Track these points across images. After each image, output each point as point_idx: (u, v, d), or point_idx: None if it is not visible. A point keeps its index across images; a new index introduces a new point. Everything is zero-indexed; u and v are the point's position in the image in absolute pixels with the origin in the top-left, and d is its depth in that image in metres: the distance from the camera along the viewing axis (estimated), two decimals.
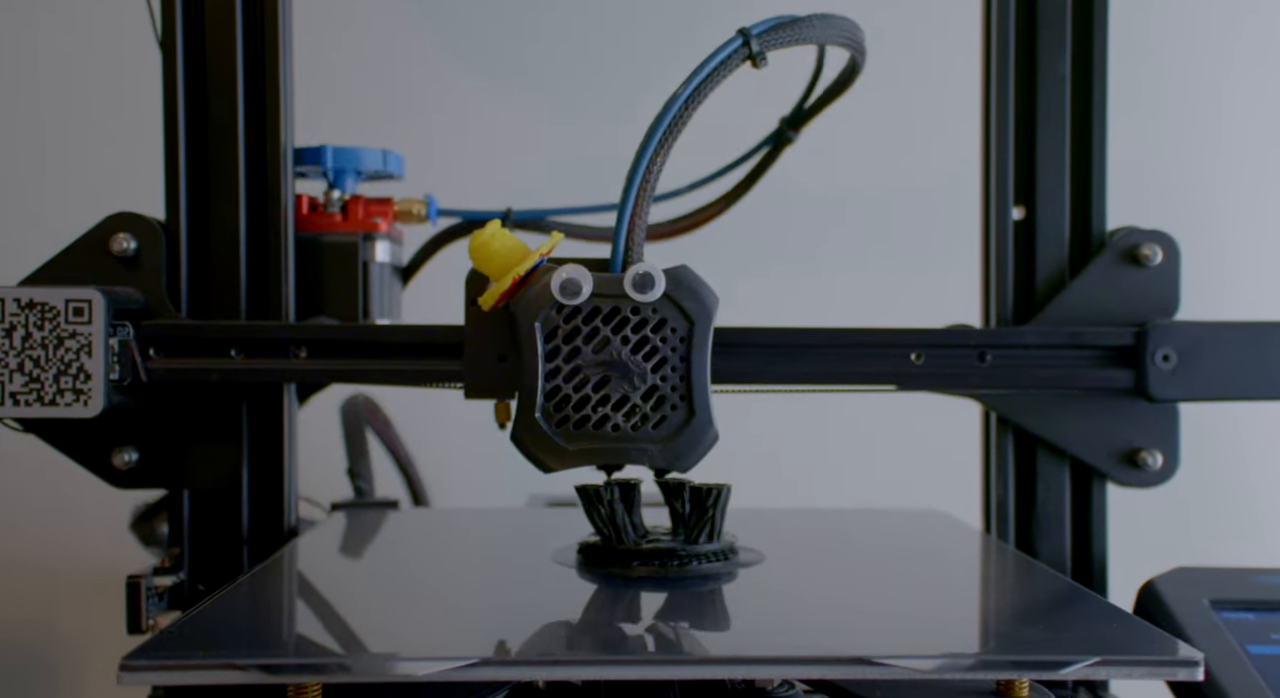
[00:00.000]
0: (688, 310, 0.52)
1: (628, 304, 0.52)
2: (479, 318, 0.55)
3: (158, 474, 0.60)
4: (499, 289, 0.52)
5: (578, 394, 0.52)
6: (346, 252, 0.65)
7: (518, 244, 0.53)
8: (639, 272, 0.51)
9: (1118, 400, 0.62)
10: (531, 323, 0.52)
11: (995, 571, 0.60)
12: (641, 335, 0.52)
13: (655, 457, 0.52)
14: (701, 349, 0.52)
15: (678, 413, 0.52)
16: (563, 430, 0.52)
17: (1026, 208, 0.63)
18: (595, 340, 0.52)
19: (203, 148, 0.61)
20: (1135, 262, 0.62)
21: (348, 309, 0.65)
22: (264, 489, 0.62)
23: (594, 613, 0.48)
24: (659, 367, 0.52)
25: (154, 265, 0.59)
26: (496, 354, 0.56)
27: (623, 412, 0.52)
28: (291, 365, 0.59)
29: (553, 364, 0.52)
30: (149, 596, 0.57)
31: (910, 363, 0.60)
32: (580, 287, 0.51)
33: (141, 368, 0.57)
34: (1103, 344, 0.60)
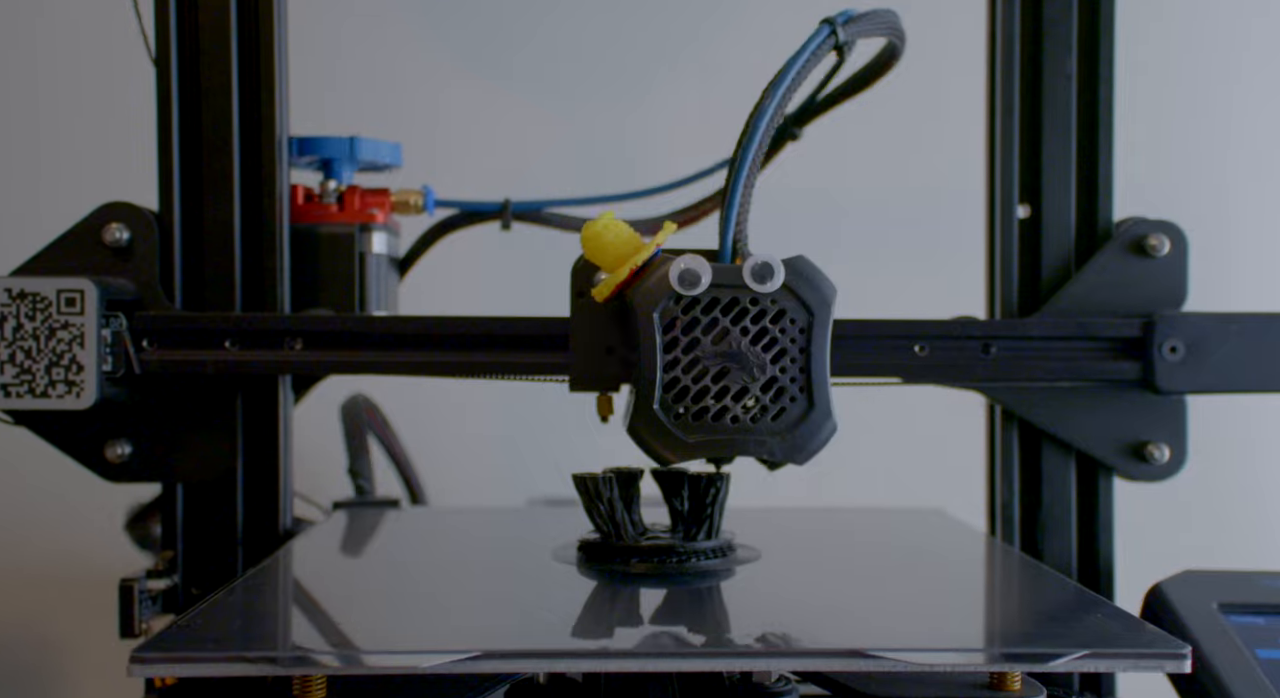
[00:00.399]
0: (807, 301, 0.52)
1: (747, 295, 0.51)
2: (586, 309, 0.55)
3: (151, 468, 0.60)
4: (614, 280, 0.52)
5: (696, 386, 0.52)
6: (343, 243, 0.65)
7: (632, 235, 0.53)
8: (759, 262, 0.51)
9: (1124, 393, 0.62)
10: (650, 313, 0.51)
11: (993, 570, 0.60)
12: (761, 326, 0.52)
13: (774, 449, 0.51)
14: (821, 340, 0.51)
15: (797, 405, 0.52)
16: (681, 422, 0.52)
17: (1032, 205, 0.63)
18: (714, 331, 0.52)
19: (196, 137, 0.61)
20: (1142, 252, 0.61)
21: (344, 301, 0.65)
22: (259, 484, 0.62)
23: (594, 608, 0.49)
24: (778, 358, 0.52)
25: (147, 256, 0.59)
26: (604, 346, 0.56)
27: (742, 403, 0.52)
28: (287, 357, 0.59)
29: (671, 355, 0.51)
30: (142, 599, 0.57)
31: (914, 355, 0.60)
32: (699, 277, 0.51)
33: (135, 359, 0.57)
34: (1109, 336, 0.60)
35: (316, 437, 0.76)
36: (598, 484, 0.53)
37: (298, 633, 0.46)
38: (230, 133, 0.61)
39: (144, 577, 0.58)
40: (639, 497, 0.55)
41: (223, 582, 0.59)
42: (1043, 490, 0.63)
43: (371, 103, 1.02)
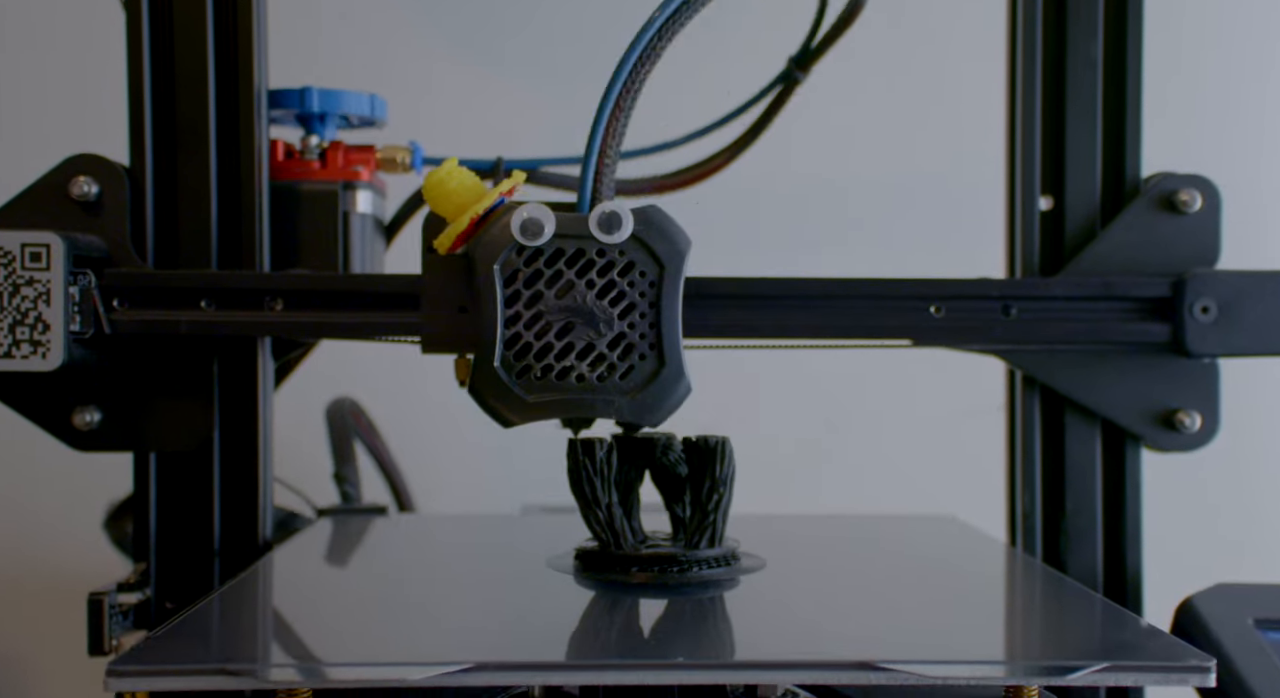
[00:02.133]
0: (658, 253, 0.51)
1: (593, 246, 0.51)
2: (436, 265, 0.54)
3: (121, 436, 0.59)
4: (455, 230, 0.51)
5: (540, 342, 0.51)
6: (325, 201, 0.64)
7: (476, 183, 0.52)
8: (605, 211, 0.51)
9: (1153, 357, 0.61)
10: (490, 266, 0.51)
11: (1010, 579, 0.59)
12: (608, 279, 0.51)
13: (623, 409, 0.51)
14: (672, 295, 0.51)
15: (647, 363, 0.51)
16: (524, 381, 0.51)
17: (1055, 198, 0.62)
18: (559, 285, 0.51)
19: (170, 86, 0.60)
20: (1172, 208, 0.61)
21: (326, 263, 0.64)
22: (237, 457, 0.61)
23: (592, 619, 0.49)
24: (627, 313, 0.51)
25: (117, 211, 0.58)
26: (456, 305, 0.55)
27: (588, 361, 0.51)
28: (266, 318, 0.58)
29: (513, 310, 0.51)
30: (112, 614, 0.56)
31: (929, 316, 0.59)
32: (542, 227, 0.51)
33: (104, 319, 0.56)
34: (1137, 296, 0.59)
35: (301, 440, 0.75)
36: (594, 454, 0.53)
37: (281, 645, 0.46)
38: (205, 82, 0.60)
39: (114, 590, 0.57)
40: (639, 503, 0.55)
41: (199, 595, 0.58)
42: (1066, 464, 0.63)
43: (355, 56, 1.01)
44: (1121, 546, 0.62)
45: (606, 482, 0.52)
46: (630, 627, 0.48)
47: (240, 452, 0.61)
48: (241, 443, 0.61)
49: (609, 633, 0.47)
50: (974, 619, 0.51)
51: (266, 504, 0.62)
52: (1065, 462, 0.63)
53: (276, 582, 0.56)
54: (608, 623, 0.49)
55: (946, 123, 1.01)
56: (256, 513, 0.61)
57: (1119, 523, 0.63)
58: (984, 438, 0.73)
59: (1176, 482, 0.74)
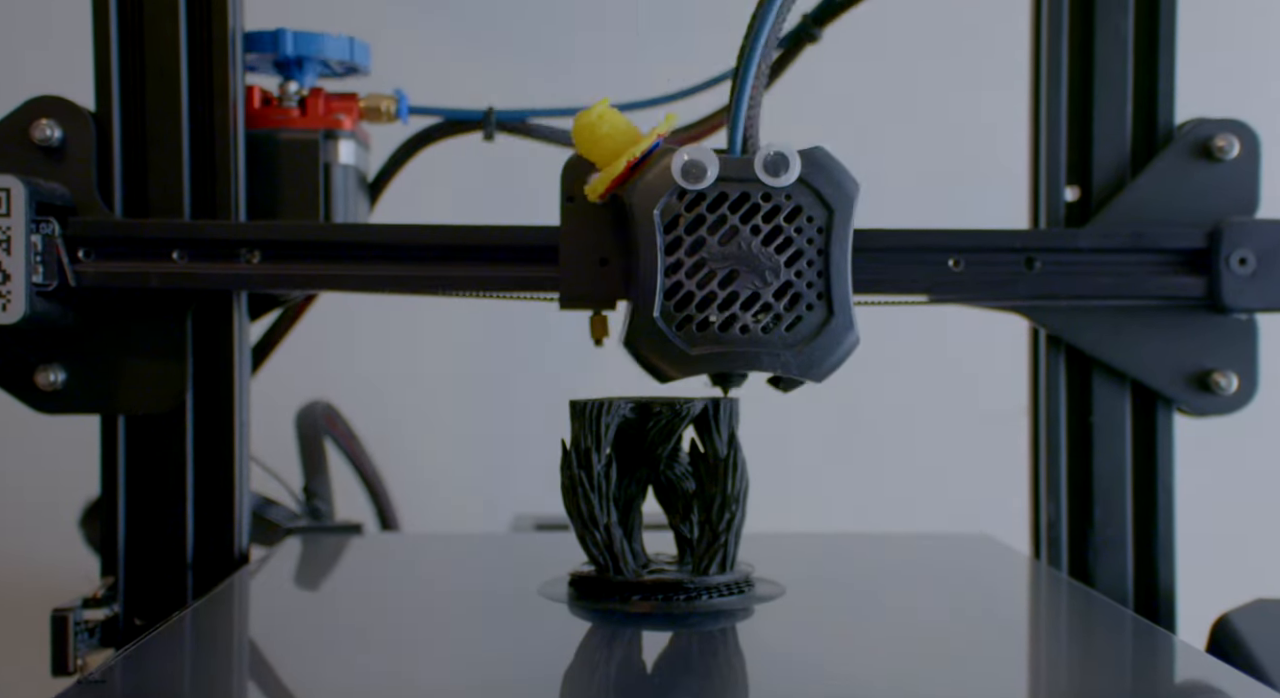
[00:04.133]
0: (826, 197, 0.50)
1: (759, 190, 0.50)
2: (576, 215, 0.54)
3: (88, 398, 0.59)
4: (609, 174, 0.51)
5: (702, 292, 0.50)
6: (305, 150, 0.64)
7: (630, 126, 0.51)
8: (772, 151, 0.50)
9: (1187, 313, 0.60)
10: (650, 211, 0.50)
11: (1047, 604, 0.58)
12: (774, 225, 0.50)
13: (789, 363, 0.50)
14: (842, 241, 0.50)
15: (815, 313, 0.50)
16: (684, 333, 0.50)
17: (1082, 188, 0.61)
18: (722, 231, 0.50)
19: (137, 27, 0.59)
20: (1208, 156, 0.60)
21: (306, 217, 0.63)
22: (212, 422, 0.60)
23: (588, 654, 0.47)
24: (794, 260, 0.50)
25: (82, 157, 0.58)
26: (597, 257, 0.55)
27: (753, 312, 0.50)
28: (242, 270, 0.57)
29: (674, 258, 0.50)
30: (77, 631, 0.55)
31: (948, 270, 0.58)
32: (705, 170, 0.50)
33: (69, 271, 0.56)
34: (1170, 247, 0.59)
35: (270, 448, 0.74)
36: (590, 467, 0.50)
37: (244, 685, 0.44)
38: (176, 22, 0.59)
39: (80, 606, 0.56)
40: (640, 522, 0.53)
41: (169, 610, 0.57)
42: (1093, 429, 0.62)
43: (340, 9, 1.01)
44: (1153, 527, 0.61)
45: (605, 498, 0.51)
46: (631, 663, 0.46)
47: (215, 417, 0.61)
48: (217, 407, 0.61)
49: (607, 670, 0.45)
50: (1009, 652, 0.49)
51: (243, 496, 0.61)
52: (1092, 430, 0.62)
53: (239, 612, 0.54)
54: (606, 658, 0.46)
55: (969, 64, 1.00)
56: (233, 503, 0.60)
57: (1151, 498, 0.62)
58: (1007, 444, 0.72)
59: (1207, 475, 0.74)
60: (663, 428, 0.51)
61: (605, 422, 0.51)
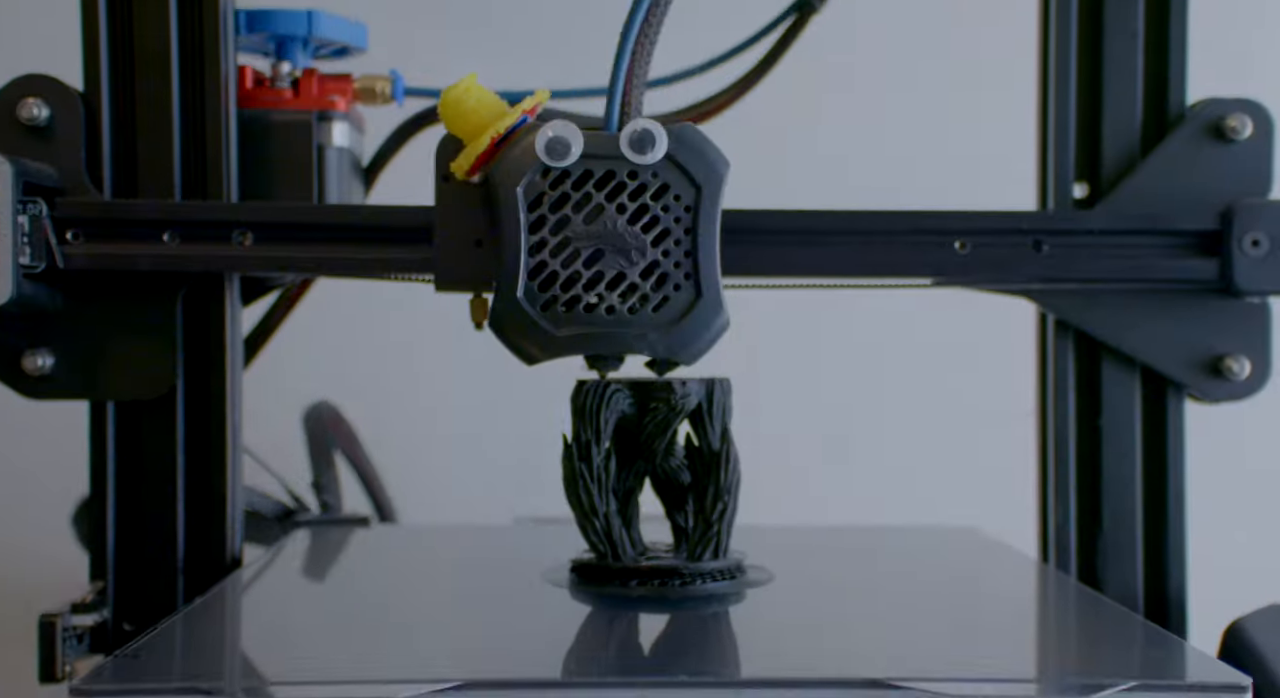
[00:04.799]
0: (693, 174, 0.50)
1: (624, 167, 0.50)
2: (451, 195, 0.54)
3: (76, 383, 0.59)
4: (474, 150, 0.51)
5: (566, 271, 0.51)
6: (297, 132, 0.63)
7: (496, 101, 0.52)
8: (637, 128, 0.50)
9: (1198, 297, 0.60)
10: (513, 188, 0.50)
11: (1032, 593, 0.59)
12: (640, 203, 0.51)
13: (656, 344, 0.50)
14: (710, 220, 0.50)
15: (682, 293, 0.51)
16: (549, 314, 0.51)
17: (1091, 169, 0.61)
18: (587, 209, 0.50)
19: (126, 4, 0.59)
20: (1220, 136, 0.60)
21: (299, 200, 0.63)
22: (202, 408, 0.60)
23: (589, 634, 0.49)
24: (660, 239, 0.51)
25: (70, 138, 0.57)
26: (472, 238, 0.54)
27: (619, 292, 0.51)
28: (235, 252, 0.57)
29: (538, 237, 0.50)
30: (66, 637, 0.55)
31: (953, 252, 0.58)
32: (569, 146, 0.50)
33: (57, 252, 0.56)
34: (1181, 229, 0.58)
35: (268, 452, 0.75)
36: (590, 460, 0.52)
37: (255, 664, 0.46)
38: (166, 0, 0.59)
39: (68, 611, 0.56)
40: (638, 513, 0.55)
41: (161, 615, 0.57)
42: (1102, 418, 0.62)
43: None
44: (1164, 529, 0.61)
45: (604, 489, 0.52)
46: (629, 643, 0.48)
47: (207, 405, 0.60)
48: (208, 395, 0.60)
49: (607, 649, 0.47)
50: (994, 636, 0.50)
51: (235, 487, 0.61)
52: (1101, 417, 0.62)
53: (250, 598, 0.55)
54: (606, 639, 0.48)
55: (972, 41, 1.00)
56: (225, 493, 0.60)
57: (1161, 498, 0.61)
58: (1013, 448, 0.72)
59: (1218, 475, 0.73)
60: (659, 422, 0.53)
61: (604, 416, 0.52)
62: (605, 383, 0.52)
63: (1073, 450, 0.62)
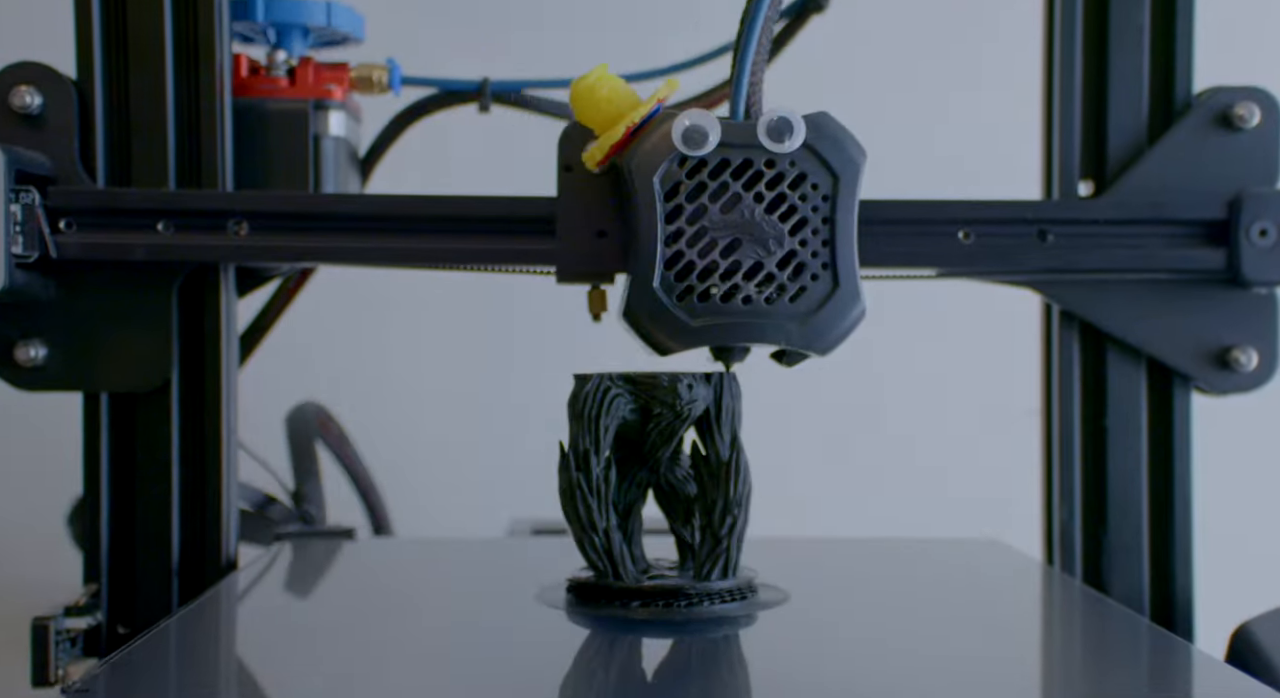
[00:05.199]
0: (831, 164, 0.50)
1: (761, 156, 0.50)
2: (573, 185, 0.54)
3: (70, 375, 0.58)
4: (608, 140, 0.50)
5: (703, 261, 0.50)
6: (294, 121, 0.63)
7: (629, 91, 0.51)
8: (775, 117, 0.49)
9: (1205, 288, 0.60)
10: (650, 177, 0.50)
11: (1061, 612, 0.58)
12: (778, 192, 0.50)
13: (793, 335, 0.50)
14: (848, 209, 0.50)
15: (820, 283, 0.50)
16: (685, 304, 0.50)
17: (1096, 183, 0.61)
18: (724, 198, 0.50)
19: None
20: (1227, 124, 0.60)
21: (295, 190, 0.63)
22: (197, 399, 0.60)
23: (587, 661, 0.46)
24: (798, 229, 0.50)
25: (64, 126, 0.57)
26: (595, 229, 0.55)
27: (755, 282, 0.50)
28: (231, 242, 0.57)
29: (674, 226, 0.50)
30: (59, 641, 0.55)
31: (956, 242, 0.58)
32: (707, 135, 0.49)
33: (50, 242, 0.55)
34: (1188, 218, 0.58)
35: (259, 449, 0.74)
36: (589, 469, 0.50)
37: (251, 670, 0.45)
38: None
39: (61, 614, 0.56)
40: (641, 527, 0.53)
41: (156, 619, 0.56)
42: (1108, 417, 0.61)
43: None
44: (1170, 530, 0.61)
45: (604, 502, 0.50)
46: (631, 671, 0.45)
47: (201, 398, 0.60)
48: (203, 388, 0.60)
49: (606, 678, 0.45)
50: (1016, 656, 0.49)
51: (231, 482, 0.61)
52: (1107, 410, 0.62)
53: (228, 619, 0.54)
54: (605, 666, 0.46)
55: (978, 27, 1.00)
56: (220, 489, 0.60)
57: (1167, 498, 0.61)
58: None
59: None
60: (664, 429, 0.51)
61: (604, 423, 0.51)
62: (605, 386, 0.51)
63: (1077, 449, 0.62)
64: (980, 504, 0.96)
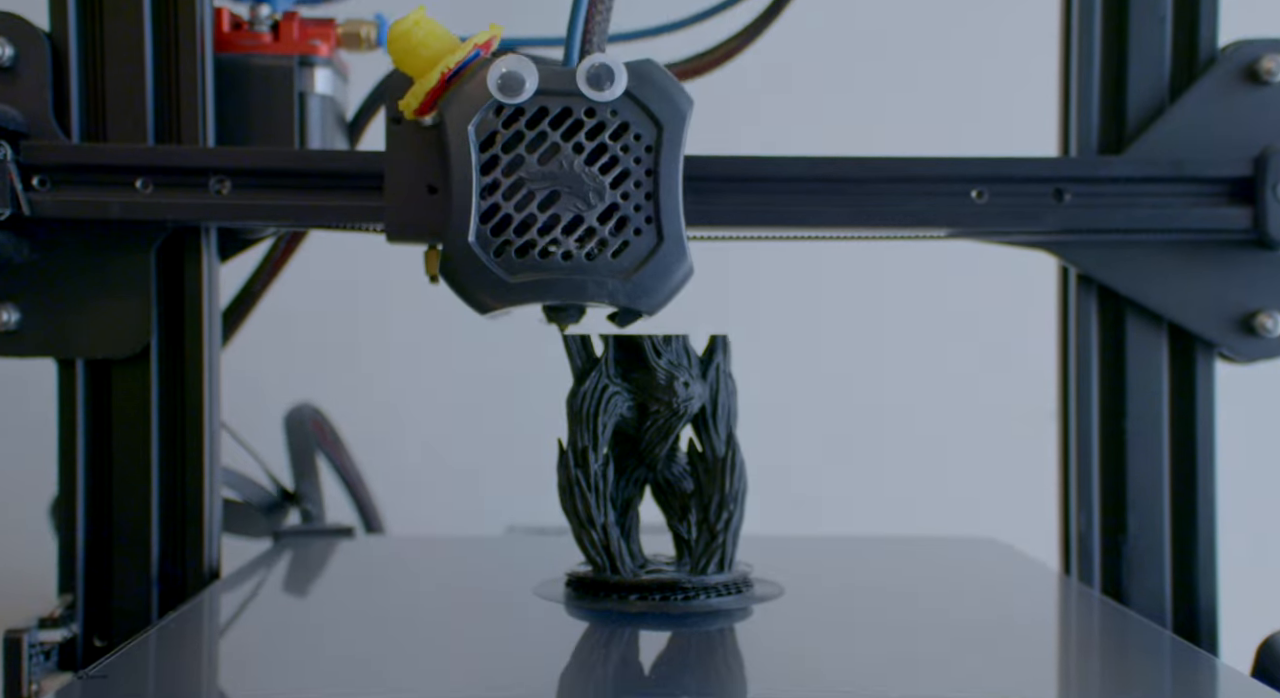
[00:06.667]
0: (655, 113, 0.50)
1: (581, 104, 0.50)
2: (402, 138, 0.53)
3: (44, 340, 0.58)
4: (423, 87, 0.50)
5: (521, 214, 0.50)
6: (278, 78, 0.63)
7: (448, 34, 0.51)
8: (594, 63, 0.49)
9: (1230, 249, 0.59)
10: (464, 127, 0.50)
11: (1054, 608, 0.58)
12: (599, 142, 0.50)
13: (616, 292, 0.50)
14: (672, 161, 0.50)
15: (643, 238, 0.50)
16: (503, 260, 0.50)
17: (1116, 141, 0.60)
18: (542, 148, 0.50)
19: None
20: (1254, 79, 0.59)
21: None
22: (176, 367, 0.60)
23: (585, 653, 0.47)
24: (620, 181, 0.50)
25: (36, 79, 0.57)
26: (426, 184, 0.54)
27: (576, 236, 0.50)
28: (212, 201, 0.57)
29: (490, 178, 0.50)
30: (33, 654, 0.54)
31: (969, 202, 0.58)
32: (523, 82, 0.49)
33: (23, 199, 0.55)
34: (1212, 176, 0.58)
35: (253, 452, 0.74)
36: (588, 466, 0.51)
37: (235, 683, 0.45)
38: None
39: (35, 626, 0.55)
40: (638, 522, 0.54)
41: (134, 630, 0.57)
42: (1127, 381, 0.61)
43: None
44: (1193, 536, 0.60)
45: (602, 498, 0.51)
46: (629, 662, 0.47)
47: (181, 368, 0.60)
48: (183, 357, 0.60)
49: (604, 669, 0.46)
50: (1014, 656, 0.49)
51: (213, 461, 0.60)
52: (1126, 377, 0.61)
53: (226, 614, 0.54)
54: (603, 658, 0.47)
55: None
56: (203, 470, 0.60)
57: (1190, 466, 0.61)
58: None
59: None
60: (660, 427, 0.52)
61: (602, 420, 0.52)
62: (603, 384, 0.51)
63: (1095, 424, 0.61)
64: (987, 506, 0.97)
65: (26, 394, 0.67)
